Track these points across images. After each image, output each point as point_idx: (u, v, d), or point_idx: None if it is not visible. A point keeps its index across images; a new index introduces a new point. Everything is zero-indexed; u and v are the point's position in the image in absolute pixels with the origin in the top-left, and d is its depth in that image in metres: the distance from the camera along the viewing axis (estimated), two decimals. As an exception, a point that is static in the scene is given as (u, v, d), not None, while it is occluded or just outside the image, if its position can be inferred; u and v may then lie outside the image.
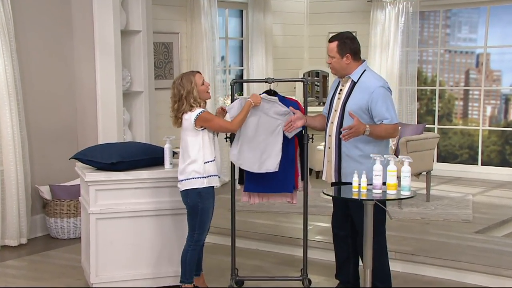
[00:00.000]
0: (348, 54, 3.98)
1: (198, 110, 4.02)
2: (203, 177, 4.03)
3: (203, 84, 4.08)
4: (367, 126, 3.84)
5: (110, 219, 4.36)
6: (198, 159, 4.03)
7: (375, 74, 4.09)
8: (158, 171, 4.44)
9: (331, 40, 4.04)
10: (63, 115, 6.12)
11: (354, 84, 3.99)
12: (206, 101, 4.14)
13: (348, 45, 3.99)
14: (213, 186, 4.09)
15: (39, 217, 5.92)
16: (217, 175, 4.09)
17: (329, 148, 4.07)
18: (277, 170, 4.23)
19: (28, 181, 5.68)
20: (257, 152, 4.23)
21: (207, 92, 4.11)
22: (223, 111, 4.23)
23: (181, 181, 4.08)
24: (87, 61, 6.08)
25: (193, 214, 4.08)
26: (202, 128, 4.03)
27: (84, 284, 4.61)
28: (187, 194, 4.07)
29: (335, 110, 4.02)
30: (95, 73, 6.05)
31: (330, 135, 4.06)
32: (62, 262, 5.17)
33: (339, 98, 4.02)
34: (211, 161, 4.05)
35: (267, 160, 4.23)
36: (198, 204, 4.05)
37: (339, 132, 3.97)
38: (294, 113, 4.22)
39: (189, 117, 4.03)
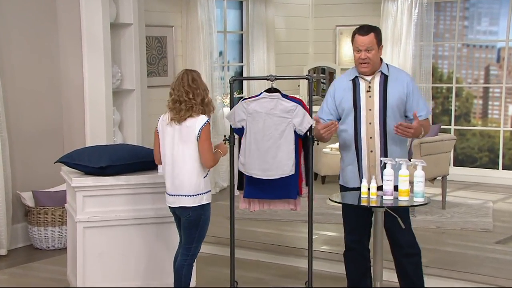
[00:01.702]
0: (381, 46, 4.09)
1: (204, 119, 4.00)
2: (202, 193, 4.06)
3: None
4: (423, 130, 4.00)
5: (99, 228, 4.38)
6: (199, 173, 4.05)
7: (399, 68, 4.31)
8: (151, 175, 4.47)
9: (365, 33, 4.01)
10: (48, 115, 6.14)
11: (386, 78, 4.05)
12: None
13: (381, 36, 4.10)
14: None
15: (21, 226, 5.94)
16: (209, 191, 4.13)
17: (372, 151, 4.02)
18: (293, 173, 4.25)
19: (9, 187, 5.70)
20: (268, 158, 4.24)
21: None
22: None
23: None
24: (73, 57, 6.11)
25: (194, 227, 4.10)
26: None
27: (70, 298, 4.64)
28: (192, 209, 4.08)
29: (370, 110, 4.02)
30: (83, 70, 6.07)
31: (371, 137, 4.03)
32: (46, 275, 5.19)
33: (370, 96, 4.03)
34: (206, 176, 4.08)
35: (280, 164, 4.24)
36: (201, 216, 4.08)
37: (384, 133, 3.99)
38: (302, 106, 4.26)
39: (193, 125, 3.98)
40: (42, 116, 6.09)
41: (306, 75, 4.77)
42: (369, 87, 4.06)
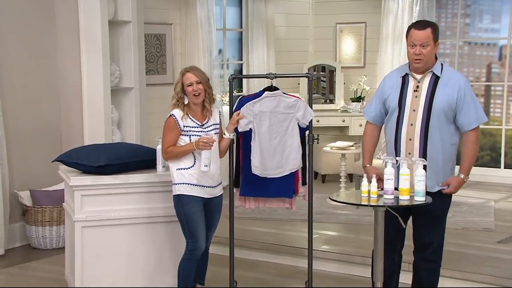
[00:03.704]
0: (438, 43, 3.96)
1: (169, 113, 4.14)
2: (175, 184, 4.13)
3: (189, 85, 4.12)
4: (461, 174, 3.93)
5: (97, 227, 4.39)
6: (172, 165, 4.15)
7: (454, 69, 4.14)
8: (149, 174, 4.47)
9: (421, 27, 3.87)
10: (46, 113, 6.14)
11: (436, 79, 3.93)
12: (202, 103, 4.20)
13: (438, 33, 3.96)
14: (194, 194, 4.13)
15: (18, 226, 5.94)
16: (193, 184, 4.11)
17: (410, 153, 3.92)
18: (302, 165, 4.35)
19: (6, 186, 5.70)
20: (278, 156, 4.30)
21: (193, 95, 4.12)
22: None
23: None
24: (71, 55, 6.11)
25: (180, 220, 4.17)
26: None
27: (69, 298, 4.65)
28: (173, 199, 4.19)
29: (413, 110, 3.91)
30: (81, 68, 6.07)
31: (410, 139, 3.91)
32: (44, 275, 5.20)
33: (416, 97, 3.92)
34: (185, 169, 4.10)
35: (289, 159, 4.31)
36: (179, 210, 4.13)
37: (424, 137, 3.88)
38: (302, 100, 4.30)
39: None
40: (40, 114, 6.09)
41: (306, 73, 4.78)
42: (417, 86, 3.94)
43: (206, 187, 4.15)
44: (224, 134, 4.26)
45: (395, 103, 3.97)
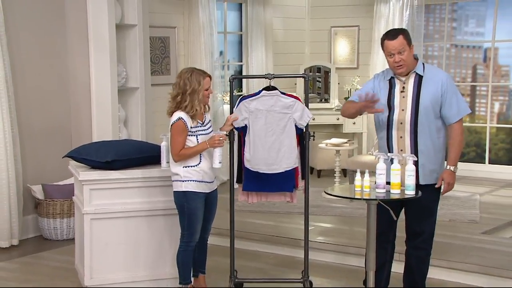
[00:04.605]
0: (412, 45, 3.94)
1: (176, 116, 4.02)
2: (181, 181, 4.08)
3: (207, 89, 4.08)
4: (450, 167, 3.91)
5: (105, 220, 4.38)
6: (178, 163, 4.09)
7: (435, 66, 4.10)
8: (154, 170, 4.45)
9: (393, 37, 3.86)
10: (56, 112, 6.12)
11: (420, 78, 3.93)
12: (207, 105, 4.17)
13: (410, 36, 3.95)
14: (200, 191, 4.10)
15: (31, 218, 5.93)
16: (198, 181, 4.08)
17: (401, 150, 3.93)
18: (297, 165, 4.28)
19: (20, 181, 5.69)
20: (273, 153, 4.26)
21: (207, 97, 4.11)
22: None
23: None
24: (81, 57, 6.09)
25: (181, 213, 4.14)
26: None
27: (78, 286, 4.62)
28: (174, 194, 4.14)
29: (402, 110, 3.91)
30: (89, 69, 6.06)
31: (401, 137, 3.92)
32: (55, 264, 5.18)
33: (403, 97, 3.92)
34: (191, 166, 4.07)
35: (284, 158, 4.26)
36: (184, 204, 4.09)
37: (414, 133, 3.89)
38: (300, 101, 4.24)
39: (171, 120, 4.05)
40: (51, 113, 6.08)
41: (303, 74, 4.76)
42: (403, 87, 3.94)
43: (208, 182, 4.14)
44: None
45: (384, 104, 3.97)
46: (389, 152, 3.93)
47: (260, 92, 4.30)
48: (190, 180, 4.06)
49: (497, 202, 6.80)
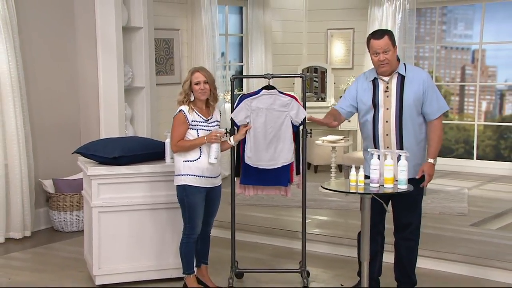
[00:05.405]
0: (396, 46, 3.94)
1: (178, 109, 4.08)
2: (181, 175, 4.06)
3: (197, 84, 4.06)
4: (430, 159, 3.92)
5: (112, 213, 4.37)
6: (178, 157, 4.09)
7: (416, 66, 4.14)
8: (158, 165, 4.44)
9: (379, 37, 3.87)
10: (66, 110, 6.12)
11: (402, 78, 3.93)
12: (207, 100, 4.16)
13: (394, 37, 3.95)
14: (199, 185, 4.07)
15: (43, 211, 5.92)
16: (198, 175, 4.05)
17: (388, 147, 3.92)
18: (293, 160, 4.29)
19: (32, 175, 5.68)
20: (272, 149, 4.26)
21: (199, 92, 4.07)
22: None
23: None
24: (89, 58, 6.07)
25: (182, 206, 4.13)
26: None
27: (87, 276, 4.62)
28: (176, 188, 4.14)
29: (387, 109, 3.91)
30: (97, 69, 6.04)
31: (387, 134, 3.93)
32: (65, 255, 5.18)
33: (387, 96, 3.92)
34: (191, 161, 4.05)
35: (282, 153, 4.26)
36: (184, 198, 4.09)
37: (399, 131, 3.90)
38: (297, 101, 4.26)
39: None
40: (61, 112, 6.07)
41: (300, 74, 4.75)
42: (387, 87, 3.94)
43: (209, 177, 4.11)
44: (230, 140, 4.22)
45: (369, 105, 3.97)
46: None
47: (260, 91, 4.30)
48: (189, 175, 4.05)
49: (485, 195, 6.80)
